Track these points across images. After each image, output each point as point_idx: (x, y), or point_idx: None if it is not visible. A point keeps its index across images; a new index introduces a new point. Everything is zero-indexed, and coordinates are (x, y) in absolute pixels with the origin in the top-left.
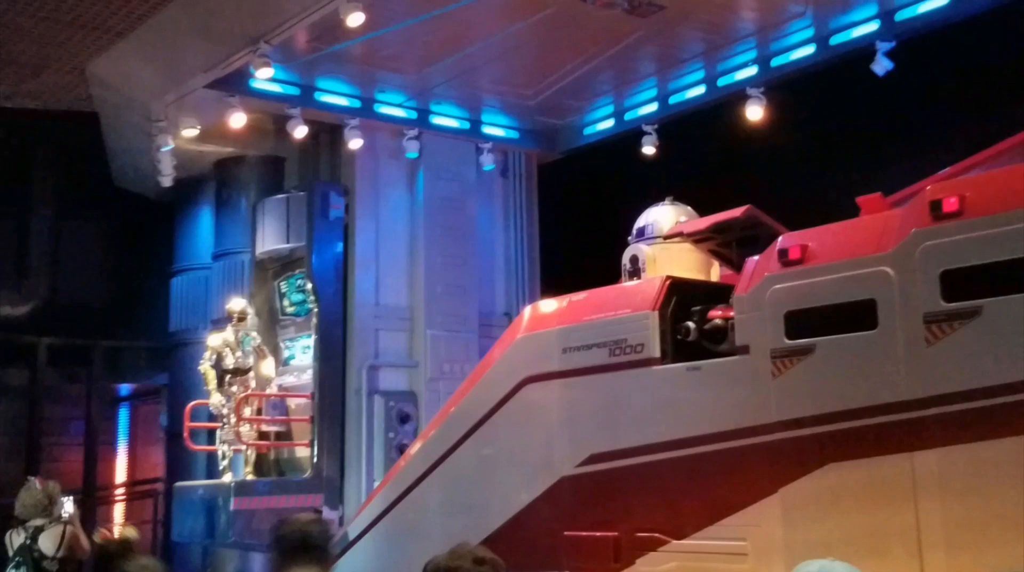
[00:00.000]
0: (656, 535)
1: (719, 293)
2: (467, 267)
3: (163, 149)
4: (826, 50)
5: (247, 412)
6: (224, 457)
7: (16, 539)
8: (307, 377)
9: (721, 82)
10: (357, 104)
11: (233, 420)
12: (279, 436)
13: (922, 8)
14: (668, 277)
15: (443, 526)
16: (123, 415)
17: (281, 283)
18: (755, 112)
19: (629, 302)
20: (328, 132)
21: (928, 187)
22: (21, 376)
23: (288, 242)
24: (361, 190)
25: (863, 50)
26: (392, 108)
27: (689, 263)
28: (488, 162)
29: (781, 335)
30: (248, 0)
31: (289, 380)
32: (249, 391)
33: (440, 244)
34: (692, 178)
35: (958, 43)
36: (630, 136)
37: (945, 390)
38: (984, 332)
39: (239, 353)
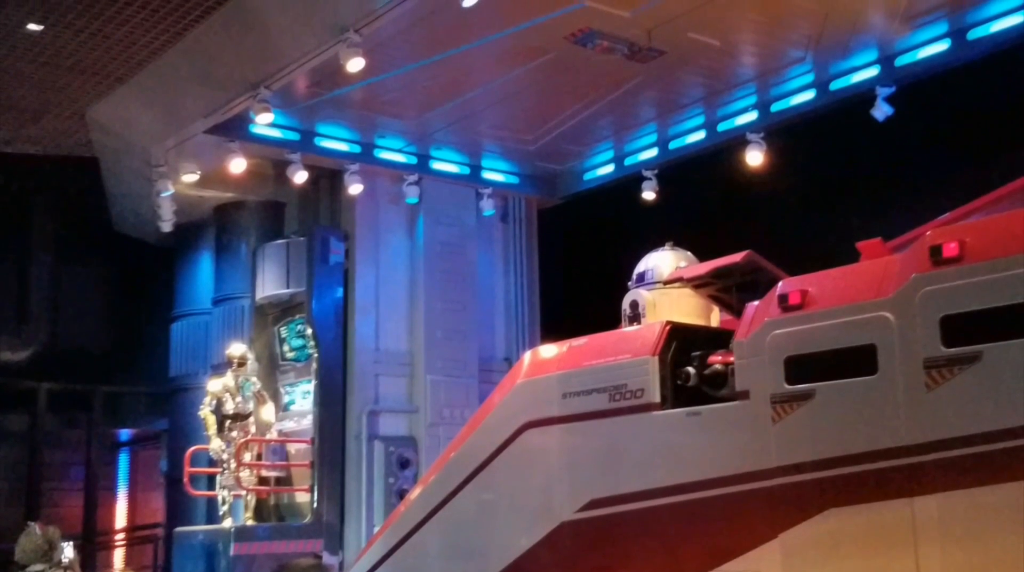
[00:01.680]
0: None
1: (719, 338)
2: (467, 312)
3: (163, 194)
4: (826, 95)
5: (247, 457)
6: (224, 502)
7: None
8: (307, 422)
9: (721, 127)
10: (357, 149)
11: (233, 465)
12: (279, 481)
13: (922, 53)
14: (668, 322)
15: (443, 571)
16: (123, 460)
17: (281, 328)
18: (755, 157)
19: (629, 347)
20: (328, 177)
21: (928, 232)
22: (21, 421)
23: (288, 287)
24: (361, 235)
25: (863, 95)
26: (392, 153)
27: (689, 308)
28: (488, 207)
29: (781, 380)
30: (248, 45)
31: (289, 425)
32: (249, 436)
33: (440, 289)
34: (692, 223)
35: (958, 88)
36: (630, 181)
37: (945, 435)
38: (984, 377)
39: (239, 398)
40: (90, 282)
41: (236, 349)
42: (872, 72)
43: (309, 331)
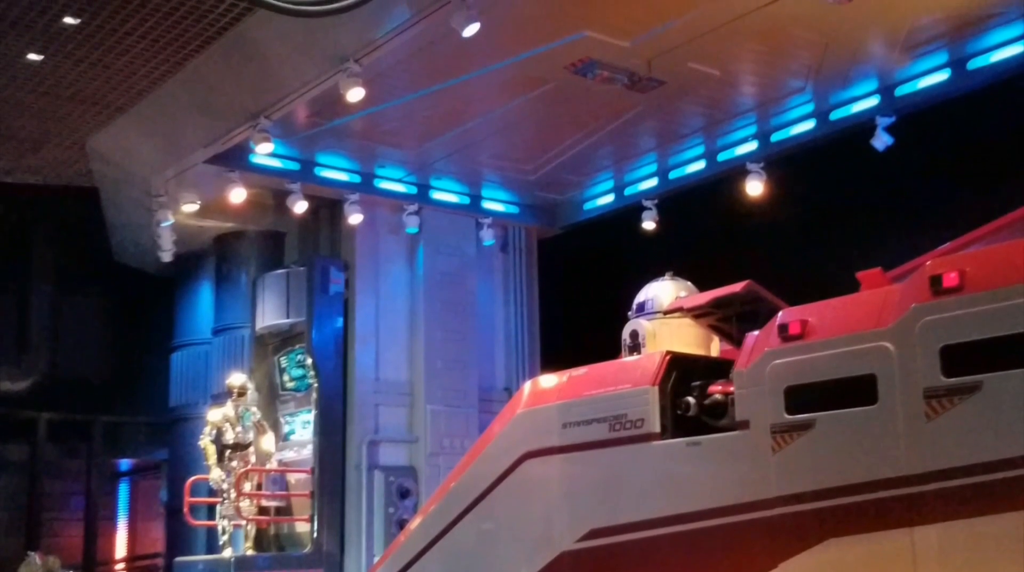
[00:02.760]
0: None
1: (719, 368)
2: (467, 342)
3: (163, 224)
4: (826, 125)
5: (247, 487)
6: (224, 532)
7: None
8: (307, 452)
9: (721, 157)
10: (357, 179)
11: (233, 495)
12: (279, 511)
13: (922, 83)
14: (668, 352)
15: None
16: (123, 490)
17: (281, 358)
18: (755, 187)
19: (629, 377)
20: (328, 207)
21: (928, 262)
22: (21, 451)
23: (288, 317)
24: (361, 265)
25: (863, 125)
26: (392, 183)
27: (689, 338)
28: (488, 237)
29: (781, 410)
30: (248, 75)
31: (289, 455)
32: (249, 466)
33: (440, 319)
34: (692, 253)
35: (958, 118)
36: (630, 211)
37: (945, 465)
38: (984, 407)
39: (239, 428)
40: (90, 312)
41: (236, 379)
42: (872, 102)
43: (309, 361)
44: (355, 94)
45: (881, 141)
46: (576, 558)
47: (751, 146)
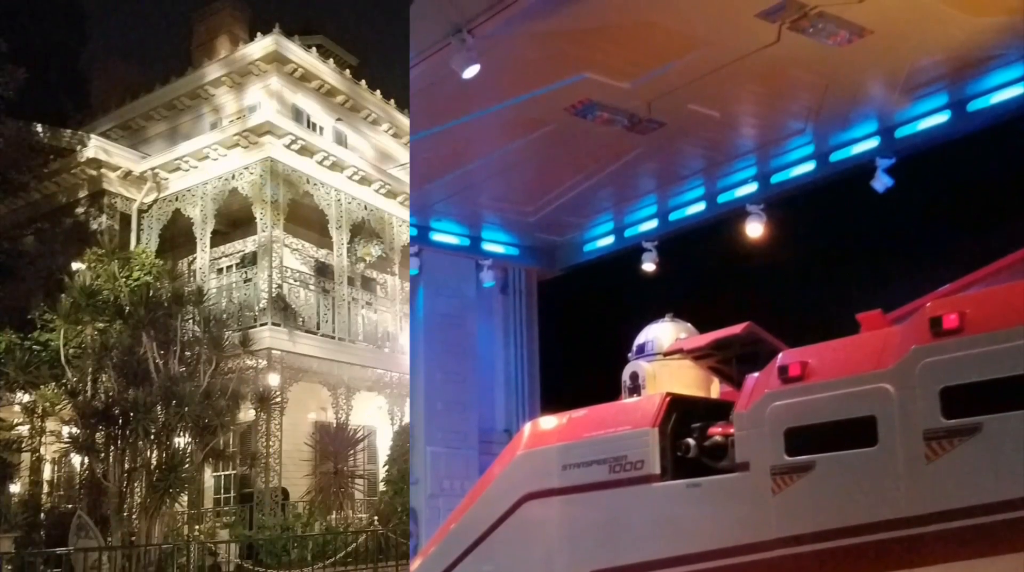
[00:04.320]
0: None
1: (719, 410)
2: (467, 383)
3: None
4: (826, 166)
5: None
6: None
7: None
8: None
9: (721, 199)
10: None
11: None
12: None
13: (922, 125)
14: (668, 394)
15: None
16: None
17: None
18: (755, 229)
19: (629, 419)
20: None
21: (928, 304)
22: None
23: None
24: None
25: (863, 166)
26: None
27: (689, 380)
28: (488, 279)
29: (781, 452)
30: None
31: None
32: None
33: (440, 360)
34: (692, 295)
35: (958, 160)
36: (630, 253)
37: (945, 507)
38: (984, 449)
39: None
40: None
41: None
42: (872, 143)
43: None
44: None
45: (881, 183)
46: None
47: (751, 188)
